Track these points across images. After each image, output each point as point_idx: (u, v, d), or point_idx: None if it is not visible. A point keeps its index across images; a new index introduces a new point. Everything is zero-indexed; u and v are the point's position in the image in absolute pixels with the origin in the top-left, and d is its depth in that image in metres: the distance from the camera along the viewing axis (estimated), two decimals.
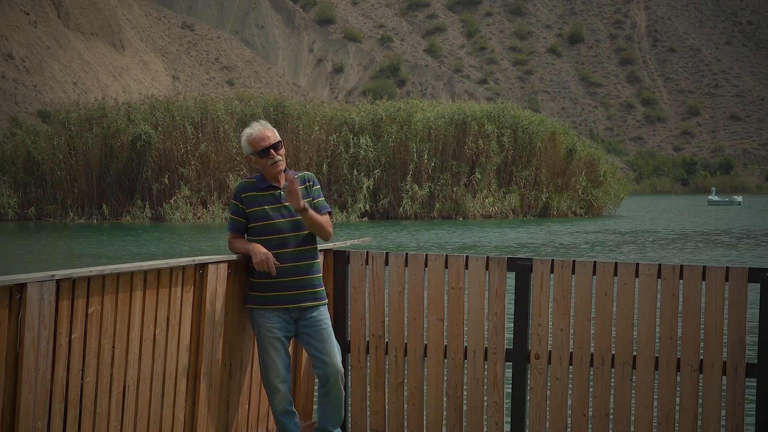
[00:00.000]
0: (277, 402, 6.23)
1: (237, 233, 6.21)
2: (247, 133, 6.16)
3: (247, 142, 6.15)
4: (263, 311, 6.19)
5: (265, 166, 6.15)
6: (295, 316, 6.24)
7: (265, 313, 6.19)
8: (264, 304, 6.19)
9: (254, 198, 6.16)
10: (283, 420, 6.25)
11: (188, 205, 46.64)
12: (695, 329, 6.19)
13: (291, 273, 6.18)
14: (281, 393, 6.21)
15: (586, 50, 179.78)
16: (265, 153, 6.12)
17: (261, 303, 6.20)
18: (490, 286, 6.55)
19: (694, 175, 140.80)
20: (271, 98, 51.90)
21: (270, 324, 6.18)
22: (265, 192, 6.19)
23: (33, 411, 4.79)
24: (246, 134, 6.17)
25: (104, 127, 48.22)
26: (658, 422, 6.24)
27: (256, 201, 6.16)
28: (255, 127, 6.18)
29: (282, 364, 6.20)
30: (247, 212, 6.17)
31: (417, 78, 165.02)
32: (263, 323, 6.19)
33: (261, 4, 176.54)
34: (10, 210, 47.35)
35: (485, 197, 49.13)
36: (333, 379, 6.24)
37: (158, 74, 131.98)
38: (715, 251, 28.24)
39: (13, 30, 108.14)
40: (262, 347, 6.21)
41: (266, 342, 6.18)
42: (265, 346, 6.19)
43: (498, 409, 6.50)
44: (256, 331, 6.25)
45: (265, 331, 6.18)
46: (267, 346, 6.18)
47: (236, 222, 6.20)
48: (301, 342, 6.32)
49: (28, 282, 4.72)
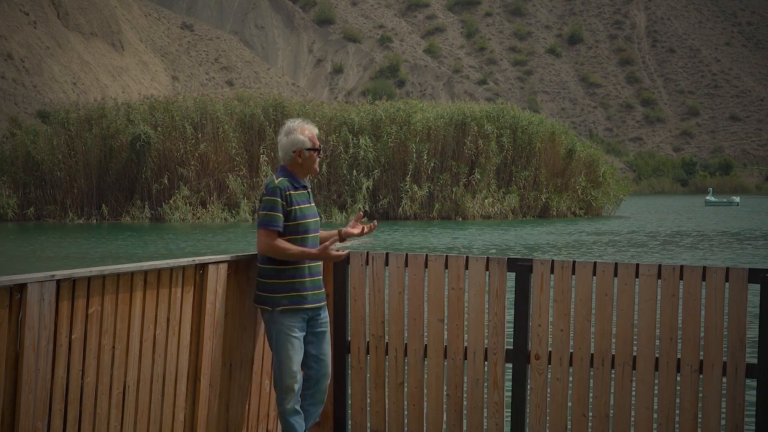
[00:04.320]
0: (287, 402, 6.25)
1: (280, 231, 6.22)
2: (306, 127, 6.37)
3: (307, 137, 6.32)
4: (289, 311, 6.25)
5: (311, 162, 6.33)
6: (310, 315, 6.34)
7: (293, 313, 6.25)
8: (296, 304, 6.25)
9: (293, 197, 6.27)
10: (290, 419, 6.27)
11: (188, 206, 46.58)
12: (695, 330, 6.19)
13: (316, 272, 6.37)
14: (294, 393, 6.25)
15: (586, 51, 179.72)
16: (316, 150, 6.35)
17: (293, 303, 6.25)
18: (491, 286, 6.55)
19: (693, 175, 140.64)
20: (270, 98, 51.77)
21: (294, 324, 6.24)
22: (300, 191, 6.32)
23: (33, 411, 4.78)
24: (304, 127, 6.36)
25: (104, 127, 48.16)
26: (658, 423, 6.23)
27: (295, 200, 6.28)
28: (309, 123, 6.41)
29: (297, 364, 6.27)
30: (288, 210, 6.26)
31: (416, 78, 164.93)
32: (287, 323, 6.23)
33: (260, 5, 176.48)
34: (10, 210, 47.31)
35: (484, 198, 49.08)
36: (324, 380, 6.37)
37: (158, 74, 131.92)
38: (714, 252, 28.23)
39: (12, 30, 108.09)
40: (281, 346, 6.23)
41: (286, 341, 6.22)
42: (284, 345, 6.23)
43: (498, 410, 6.50)
44: (274, 330, 6.26)
45: (287, 330, 6.22)
46: (287, 345, 6.23)
47: (279, 219, 6.22)
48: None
49: (29, 282, 4.72)
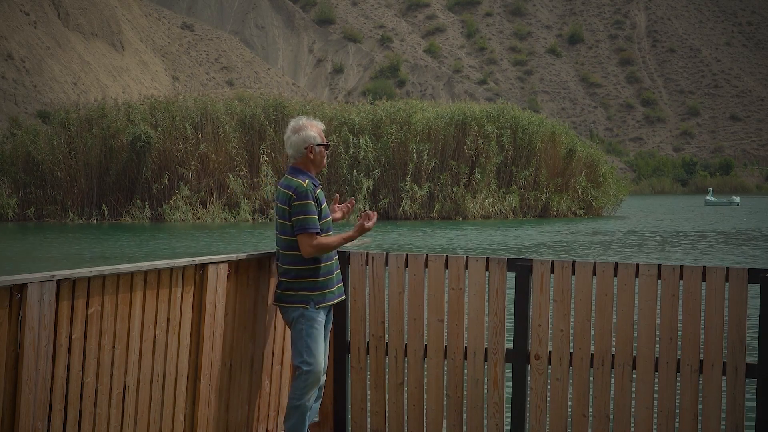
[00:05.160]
0: (310, 399, 6.26)
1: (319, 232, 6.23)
2: (316, 124, 6.42)
3: (317, 133, 6.38)
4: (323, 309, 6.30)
5: (321, 159, 6.38)
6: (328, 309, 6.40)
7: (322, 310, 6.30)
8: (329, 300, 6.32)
9: (319, 197, 6.33)
10: (306, 414, 6.28)
11: (188, 206, 46.57)
12: (695, 330, 6.18)
13: (337, 267, 6.46)
14: (320, 384, 6.32)
15: (586, 50, 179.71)
16: (327, 146, 6.43)
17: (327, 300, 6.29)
18: (490, 286, 6.55)
19: (693, 175, 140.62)
20: (270, 98, 51.75)
21: (322, 320, 6.31)
22: (319, 189, 6.39)
23: (33, 411, 4.78)
24: (315, 124, 6.41)
25: (104, 127, 48.15)
26: (658, 423, 6.23)
27: (321, 199, 6.34)
28: (316, 120, 6.46)
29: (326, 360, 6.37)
30: (318, 209, 6.29)
31: (417, 78, 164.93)
32: (320, 319, 6.27)
33: (261, 5, 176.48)
34: (10, 210, 47.30)
35: (485, 198, 49.08)
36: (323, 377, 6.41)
37: (158, 74, 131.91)
38: (714, 252, 28.23)
39: (12, 30, 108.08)
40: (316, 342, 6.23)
41: (319, 336, 6.27)
42: (318, 341, 6.25)
43: (498, 410, 6.50)
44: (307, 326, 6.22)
45: (319, 327, 6.26)
46: (320, 341, 6.27)
47: (316, 221, 6.23)
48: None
49: (29, 282, 4.72)
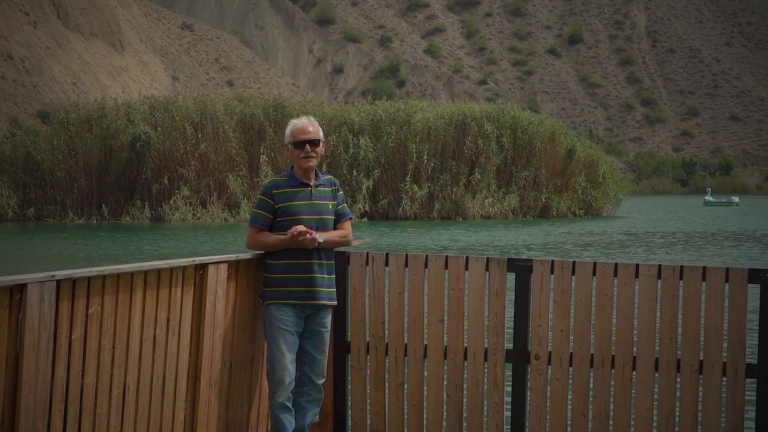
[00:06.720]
0: (276, 396, 6.29)
1: (262, 228, 6.35)
2: (292, 123, 6.46)
3: (289, 131, 6.44)
4: (279, 305, 6.30)
5: (297, 158, 6.38)
6: (308, 312, 6.38)
7: (282, 307, 6.30)
8: (282, 298, 6.32)
9: (285, 194, 6.35)
10: (279, 414, 6.31)
11: (188, 206, 46.56)
12: (695, 330, 6.18)
13: (313, 270, 6.38)
14: (283, 386, 6.28)
15: (586, 51, 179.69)
16: (300, 145, 6.37)
17: (279, 297, 6.32)
18: (490, 286, 6.55)
19: (693, 175, 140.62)
20: (270, 99, 51.71)
21: (285, 317, 6.30)
22: (297, 189, 6.38)
23: (33, 411, 4.78)
24: (291, 123, 6.47)
25: (104, 127, 48.13)
26: (658, 423, 6.23)
27: (287, 197, 6.34)
28: (302, 119, 6.47)
29: (288, 359, 6.29)
30: (276, 207, 6.34)
31: (416, 78, 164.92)
32: (278, 315, 6.29)
33: (260, 5, 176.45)
34: (10, 210, 47.28)
35: (485, 198, 49.07)
36: (317, 380, 6.44)
37: (158, 75, 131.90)
38: (714, 252, 28.23)
39: (12, 30, 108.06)
40: (272, 338, 6.30)
41: (278, 334, 6.28)
42: (275, 338, 6.28)
43: (498, 410, 6.50)
44: (267, 323, 6.34)
45: (278, 323, 6.28)
46: (278, 338, 6.28)
47: (263, 217, 6.36)
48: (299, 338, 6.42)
49: (29, 282, 4.72)
